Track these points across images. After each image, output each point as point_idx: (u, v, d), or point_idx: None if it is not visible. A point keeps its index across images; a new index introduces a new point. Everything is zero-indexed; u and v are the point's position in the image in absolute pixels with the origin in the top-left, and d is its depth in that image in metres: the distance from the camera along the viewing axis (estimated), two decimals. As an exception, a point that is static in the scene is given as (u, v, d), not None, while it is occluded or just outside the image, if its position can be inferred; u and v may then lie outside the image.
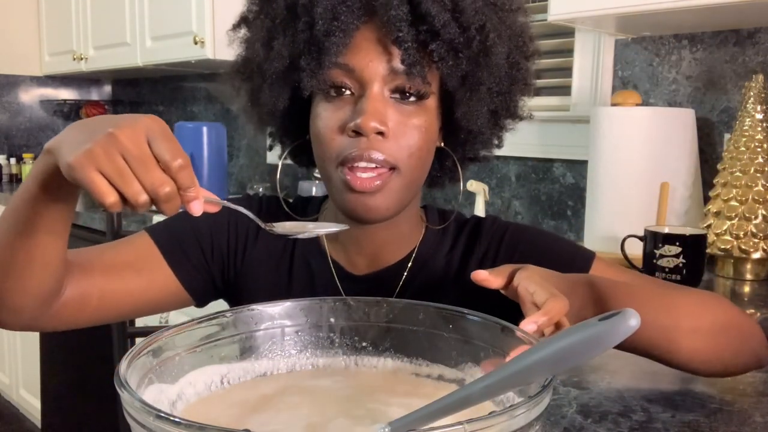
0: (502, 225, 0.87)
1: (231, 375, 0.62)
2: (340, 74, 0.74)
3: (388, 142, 0.73)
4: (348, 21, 0.72)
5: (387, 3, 0.71)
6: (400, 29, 0.71)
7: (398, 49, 0.72)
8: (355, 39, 0.73)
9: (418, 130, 0.75)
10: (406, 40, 0.71)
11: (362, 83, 0.74)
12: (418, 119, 0.75)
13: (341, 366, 0.66)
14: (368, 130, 0.72)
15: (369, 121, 0.71)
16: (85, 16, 3.20)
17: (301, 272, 0.88)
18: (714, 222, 1.49)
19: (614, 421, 0.77)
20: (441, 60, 0.73)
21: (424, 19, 0.72)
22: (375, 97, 0.73)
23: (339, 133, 0.74)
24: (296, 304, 0.65)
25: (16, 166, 3.49)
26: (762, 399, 0.85)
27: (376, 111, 0.72)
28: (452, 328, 0.62)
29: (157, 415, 0.42)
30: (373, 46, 0.73)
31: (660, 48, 1.80)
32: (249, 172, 3.09)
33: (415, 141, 0.75)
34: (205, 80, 3.26)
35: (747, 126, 1.49)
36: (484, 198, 1.98)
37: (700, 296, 0.79)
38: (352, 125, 0.72)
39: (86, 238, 2.45)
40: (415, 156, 0.75)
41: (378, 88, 0.73)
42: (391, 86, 0.74)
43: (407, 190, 0.77)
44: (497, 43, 0.76)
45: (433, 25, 0.72)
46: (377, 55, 0.73)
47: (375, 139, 0.72)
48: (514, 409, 0.42)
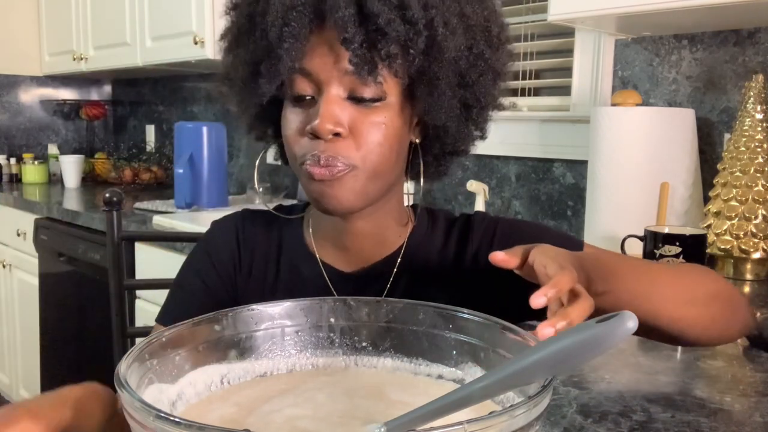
0: (492, 220, 0.88)
1: (231, 375, 0.62)
2: (299, 80, 0.76)
3: (345, 142, 0.75)
4: (299, 26, 0.73)
5: (334, 5, 0.72)
6: (346, 30, 0.72)
7: (346, 50, 0.73)
8: (310, 43, 0.74)
9: (378, 127, 0.76)
10: (352, 41, 0.72)
11: (319, 86, 0.76)
12: (378, 116, 0.76)
13: (341, 366, 0.66)
14: (324, 133, 0.73)
15: (324, 124, 0.73)
16: (85, 16, 3.20)
17: (289, 276, 0.88)
18: (714, 222, 1.49)
19: (614, 421, 0.77)
20: (389, 58, 0.73)
21: (370, 18, 0.72)
22: (331, 100, 0.74)
23: (301, 135, 0.77)
24: (296, 304, 0.65)
25: (16, 166, 3.49)
26: (762, 399, 0.85)
27: (331, 114, 0.74)
28: (452, 328, 0.62)
29: (157, 415, 0.42)
30: (326, 49, 0.74)
31: (660, 48, 1.80)
32: (249, 172, 3.09)
33: (375, 138, 0.76)
34: (205, 80, 3.26)
35: (747, 126, 1.49)
36: (484, 198, 1.98)
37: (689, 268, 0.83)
38: (309, 128, 0.74)
39: (86, 238, 2.46)
40: (376, 152, 0.76)
41: (335, 91, 0.75)
42: (347, 88, 0.75)
43: (371, 183, 0.78)
44: (449, 36, 0.75)
45: (378, 24, 0.72)
46: (330, 57, 0.74)
47: (332, 141, 0.74)
48: (514, 409, 0.42)
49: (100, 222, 2.37)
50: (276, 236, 0.90)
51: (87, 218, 2.46)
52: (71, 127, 3.87)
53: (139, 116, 3.77)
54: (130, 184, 3.21)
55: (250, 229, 0.91)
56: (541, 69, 2.12)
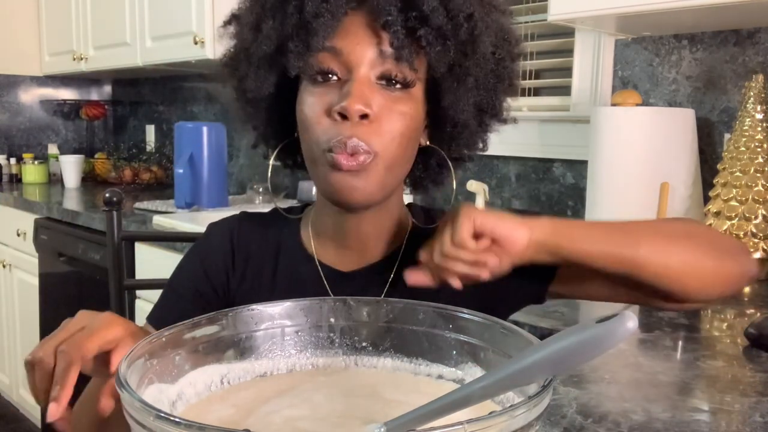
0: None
1: (231, 375, 0.62)
2: (327, 58, 0.75)
3: (370, 127, 0.74)
4: (337, 4, 0.72)
5: None
6: (389, 13, 0.72)
7: (387, 33, 0.73)
8: (343, 23, 0.74)
9: (403, 116, 0.76)
10: (395, 24, 0.72)
11: (349, 67, 0.74)
12: (403, 105, 0.76)
13: (341, 366, 0.66)
14: (353, 113, 0.72)
15: (354, 104, 0.72)
16: (85, 16, 3.20)
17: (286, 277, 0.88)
18: (714, 222, 1.49)
19: (614, 421, 0.77)
20: (429, 45, 0.74)
21: (412, 4, 0.72)
22: (361, 81, 0.74)
23: (325, 116, 0.75)
24: (296, 304, 0.65)
25: (16, 166, 3.49)
26: (762, 399, 0.85)
27: (361, 94, 0.73)
28: (452, 328, 0.62)
29: (157, 415, 0.42)
30: (362, 30, 0.74)
31: (660, 48, 1.80)
32: (249, 172, 3.09)
33: (398, 126, 0.75)
34: (205, 80, 3.26)
35: (747, 126, 1.49)
36: (484, 198, 1.98)
37: (671, 219, 0.85)
38: (338, 108, 0.73)
39: (86, 238, 2.46)
40: (397, 142, 0.76)
41: (365, 72, 0.74)
42: (378, 71, 0.75)
43: (389, 175, 0.78)
44: (484, 33, 0.76)
45: (421, 10, 0.72)
46: (365, 38, 0.74)
47: (359, 123, 0.73)
48: (514, 409, 0.42)
49: (100, 222, 2.37)
50: (274, 238, 0.90)
51: (87, 218, 2.46)
52: (71, 127, 3.87)
53: (139, 116, 3.77)
54: (130, 184, 3.21)
55: (247, 232, 0.90)
56: (541, 69, 2.12)
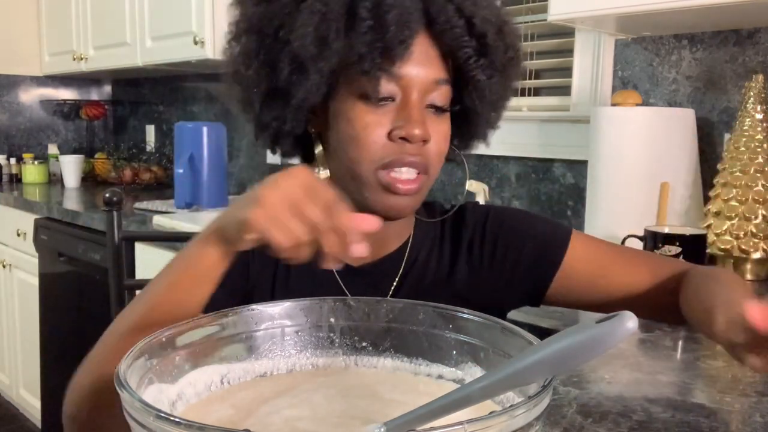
0: (483, 210, 0.91)
1: (231, 375, 0.62)
2: (388, 81, 0.76)
3: (427, 150, 0.77)
4: (412, 30, 0.74)
5: (446, 17, 0.75)
6: (459, 43, 0.75)
7: (448, 62, 0.77)
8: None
9: (445, 137, 0.80)
10: (460, 56, 0.76)
11: (405, 91, 0.76)
12: (445, 126, 0.80)
13: (341, 366, 0.66)
14: (416, 138, 0.75)
15: (419, 130, 0.75)
16: (85, 16, 3.20)
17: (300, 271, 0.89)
18: (714, 222, 1.49)
19: (614, 421, 0.77)
20: (485, 76, 0.78)
21: (477, 36, 0.76)
22: (419, 106, 0.77)
23: (384, 138, 0.77)
24: (296, 304, 0.65)
25: (16, 166, 3.49)
26: (762, 399, 0.85)
27: (422, 120, 0.76)
28: (452, 328, 0.62)
29: (157, 415, 0.42)
30: (424, 56, 0.76)
31: (660, 48, 1.80)
32: (249, 172, 3.09)
33: (444, 147, 0.80)
34: (205, 80, 3.26)
35: (747, 126, 1.49)
36: (485, 198, 1.98)
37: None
38: (403, 133, 0.75)
39: (86, 237, 2.46)
40: (440, 160, 0.81)
41: (418, 97, 0.77)
42: (429, 96, 0.77)
43: (428, 191, 0.83)
44: (515, 59, 0.81)
45: (486, 43, 0.76)
46: (426, 65, 0.76)
47: (419, 146, 0.77)
48: (514, 409, 0.42)
49: (100, 222, 2.37)
50: None
51: (87, 218, 2.46)
52: (71, 127, 3.87)
53: (139, 116, 3.77)
54: (130, 184, 3.21)
55: None
56: (541, 69, 2.12)
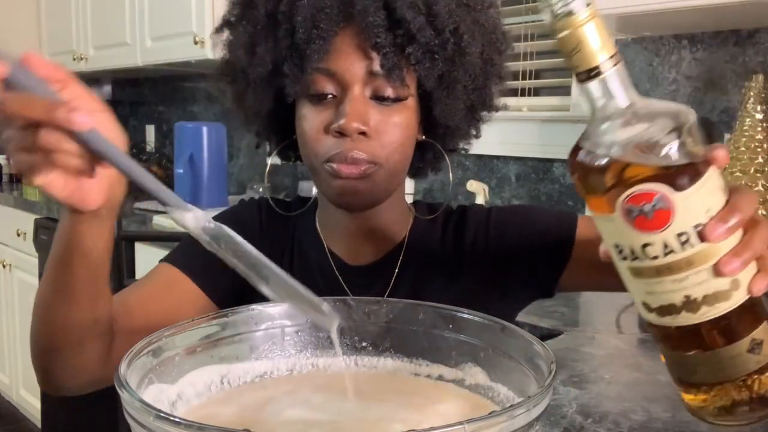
0: (485, 210, 0.91)
1: (231, 375, 0.62)
2: (321, 79, 0.77)
3: (370, 141, 0.77)
4: (327, 28, 0.74)
5: (364, 10, 0.74)
6: (378, 35, 0.74)
7: (377, 54, 0.75)
8: (334, 44, 0.76)
9: (399, 127, 0.78)
10: (384, 45, 0.75)
11: (343, 86, 0.77)
12: (398, 117, 0.78)
13: (341, 366, 0.66)
14: (351, 131, 0.75)
15: (351, 123, 0.75)
16: (85, 16, 3.20)
17: (302, 268, 0.90)
18: (714, 222, 1.49)
19: (614, 421, 0.77)
20: (418, 63, 0.76)
21: (400, 24, 0.75)
22: (356, 99, 0.76)
23: (324, 133, 0.78)
24: (296, 304, 0.65)
25: (16, 166, 3.49)
26: (762, 399, 0.84)
27: (357, 112, 0.76)
28: (452, 328, 0.62)
29: (157, 415, 0.42)
30: (353, 50, 0.76)
31: (660, 48, 1.80)
32: (249, 172, 3.09)
33: (395, 138, 0.78)
34: (205, 80, 3.26)
35: (747, 126, 1.48)
36: (484, 198, 1.98)
37: None
38: (336, 126, 0.76)
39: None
40: (397, 151, 0.79)
41: (358, 90, 0.76)
42: (371, 88, 0.77)
43: (389, 181, 0.81)
44: (471, 42, 0.78)
45: (409, 29, 0.75)
46: (357, 59, 0.76)
47: (357, 139, 0.76)
48: (513, 409, 0.42)
49: (100, 222, 2.36)
50: (291, 228, 0.92)
51: (87, 218, 2.46)
52: (71, 127, 3.86)
53: (139, 116, 3.77)
54: (129, 183, 3.21)
55: (270, 219, 0.93)
56: (541, 69, 2.12)
